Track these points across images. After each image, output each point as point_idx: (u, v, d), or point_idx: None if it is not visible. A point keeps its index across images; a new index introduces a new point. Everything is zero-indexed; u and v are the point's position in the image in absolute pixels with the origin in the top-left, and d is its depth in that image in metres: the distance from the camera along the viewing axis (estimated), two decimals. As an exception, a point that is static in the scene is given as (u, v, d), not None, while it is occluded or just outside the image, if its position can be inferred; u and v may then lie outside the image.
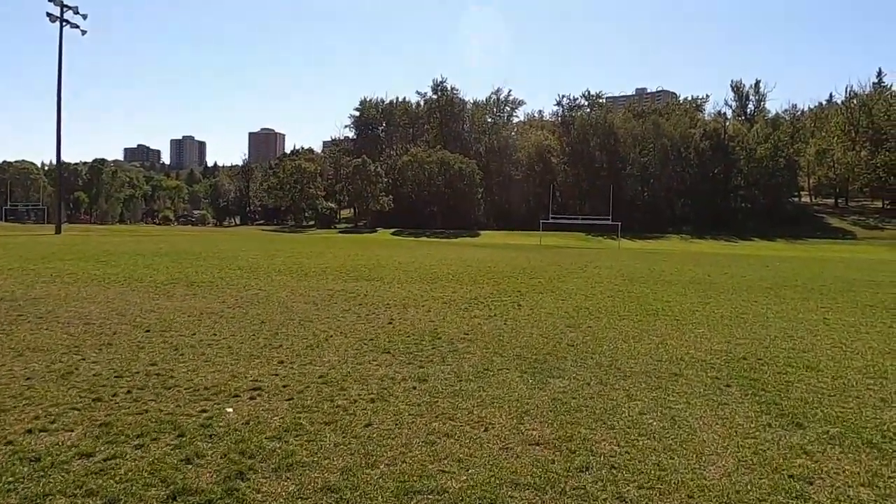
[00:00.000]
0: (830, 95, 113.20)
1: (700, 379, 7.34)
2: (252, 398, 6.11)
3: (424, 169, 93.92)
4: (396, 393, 6.42)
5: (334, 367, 7.45)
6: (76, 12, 55.53)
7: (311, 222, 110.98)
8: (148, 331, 9.54)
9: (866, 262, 38.22)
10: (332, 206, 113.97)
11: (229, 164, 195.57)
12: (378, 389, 6.54)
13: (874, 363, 8.48)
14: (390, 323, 10.88)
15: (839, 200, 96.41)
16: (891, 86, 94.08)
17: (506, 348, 8.85)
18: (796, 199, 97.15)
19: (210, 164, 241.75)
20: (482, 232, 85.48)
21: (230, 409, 5.65)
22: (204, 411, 5.65)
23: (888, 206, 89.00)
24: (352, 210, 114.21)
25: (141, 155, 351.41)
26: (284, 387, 6.54)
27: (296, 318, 11.08)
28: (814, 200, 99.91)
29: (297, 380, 6.83)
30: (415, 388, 6.65)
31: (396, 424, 5.42)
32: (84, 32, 57.02)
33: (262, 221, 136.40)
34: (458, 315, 11.90)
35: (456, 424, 5.48)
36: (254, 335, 9.38)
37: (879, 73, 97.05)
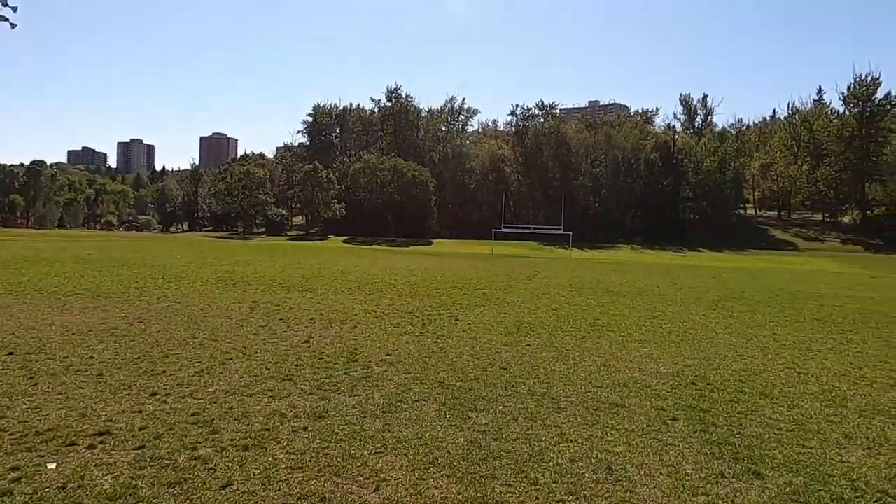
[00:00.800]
0: (774, 111, 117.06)
1: (644, 411, 6.42)
2: (91, 447, 4.86)
3: (377, 176, 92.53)
4: (281, 436, 5.27)
5: (217, 401, 6.24)
6: (4, 4, 52.27)
7: (262, 229, 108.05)
8: (11, 353, 8.11)
9: (808, 274, 38.77)
10: (283, 212, 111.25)
11: (179, 169, 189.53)
12: (259, 431, 5.38)
13: (830, 388, 7.75)
14: (307, 342, 9.69)
15: (782, 213, 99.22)
16: (830, 103, 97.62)
17: (429, 373, 7.78)
18: (742, 212, 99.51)
19: (159, 168, 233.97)
20: (435, 240, 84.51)
21: (52, 466, 4.40)
22: (15, 469, 4.38)
23: (828, 219, 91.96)
24: (304, 217, 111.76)
25: (86, 158, 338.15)
26: (141, 429, 5.30)
27: (199, 337, 9.77)
28: (758, 213, 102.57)
29: (162, 419, 5.59)
30: (306, 428, 5.51)
31: (263, 485, 4.28)
32: (14, 26, 53.70)
33: (210, 228, 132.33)
34: (386, 332, 10.79)
35: (341, 483, 4.38)
36: (138, 359, 8.06)
37: (819, 91, 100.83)
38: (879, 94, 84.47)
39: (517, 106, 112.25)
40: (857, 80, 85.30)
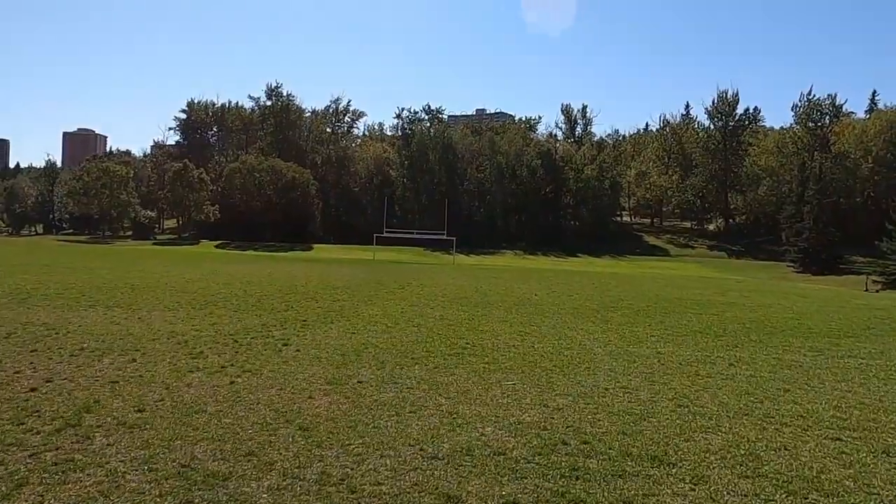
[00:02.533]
0: (647, 124, 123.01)
1: (488, 506, 4.22)
2: None
3: (254, 177, 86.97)
4: None
5: None
6: None
7: (129, 233, 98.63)
8: None
9: (682, 279, 39.48)
10: (152, 214, 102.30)
11: (35, 167, 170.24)
12: None
13: (736, 440, 5.92)
14: (34, 390, 6.72)
15: (655, 220, 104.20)
16: (696, 117, 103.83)
17: (176, 448, 5.10)
18: (619, 219, 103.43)
19: (14, 165, 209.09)
20: (317, 246, 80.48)
21: None
22: None
23: (695, 227, 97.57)
24: (177, 221, 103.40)
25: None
26: None
27: None
28: (633, 220, 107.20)
29: None
30: None
31: None
32: None
33: (70, 231, 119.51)
34: (173, 368, 7.99)
35: None
36: None
37: (687, 106, 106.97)
38: (739, 110, 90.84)
39: (403, 109, 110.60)
40: (721, 95, 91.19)
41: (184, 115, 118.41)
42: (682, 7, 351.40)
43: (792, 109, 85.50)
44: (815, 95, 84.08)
